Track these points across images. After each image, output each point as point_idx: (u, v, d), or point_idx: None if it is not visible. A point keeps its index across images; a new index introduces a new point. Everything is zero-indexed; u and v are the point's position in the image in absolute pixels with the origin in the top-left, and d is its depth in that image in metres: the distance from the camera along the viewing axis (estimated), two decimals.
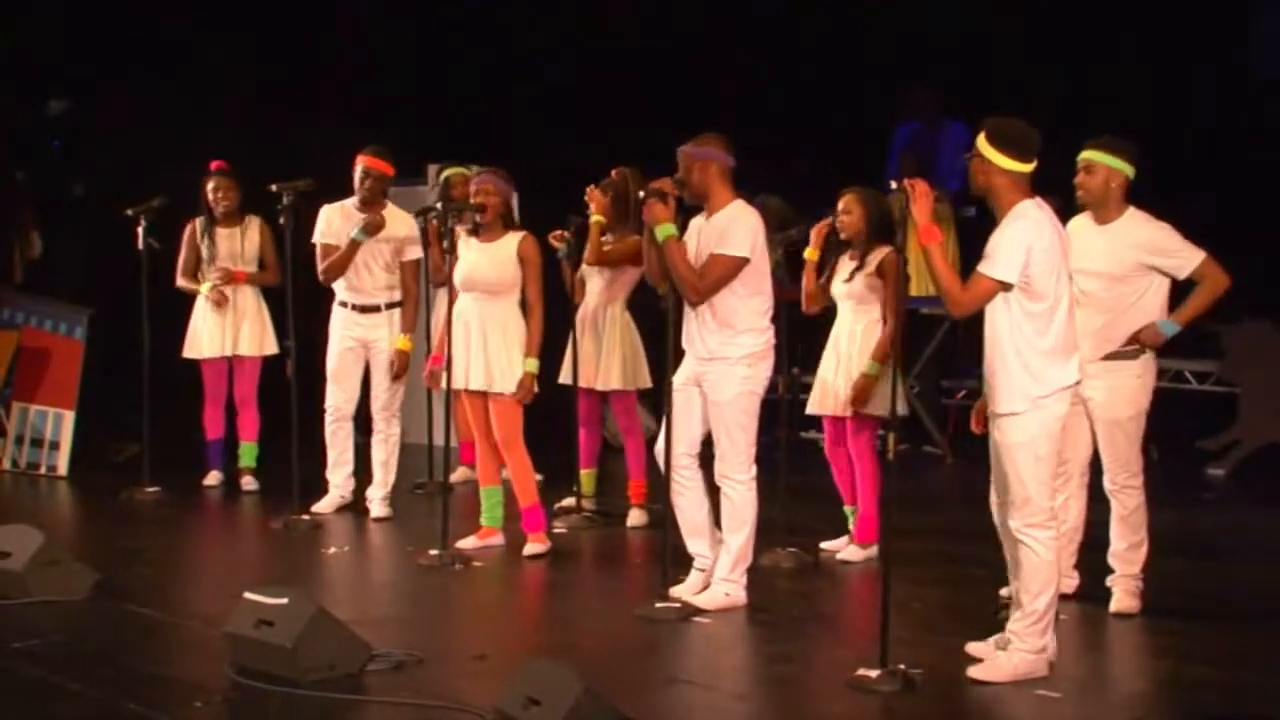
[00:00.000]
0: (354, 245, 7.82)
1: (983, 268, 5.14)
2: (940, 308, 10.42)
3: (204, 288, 8.70)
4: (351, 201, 7.97)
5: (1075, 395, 5.38)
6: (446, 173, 8.91)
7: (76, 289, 10.83)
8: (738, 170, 6.25)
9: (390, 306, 8.02)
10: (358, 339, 8.02)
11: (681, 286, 6.10)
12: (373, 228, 7.84)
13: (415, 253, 8.07)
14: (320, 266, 7.95)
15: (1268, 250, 10.54)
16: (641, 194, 6.12)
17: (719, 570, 6.26)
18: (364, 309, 7.99)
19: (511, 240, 7.17)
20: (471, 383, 7.13)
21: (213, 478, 8.95)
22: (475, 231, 7.22)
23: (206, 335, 8.77)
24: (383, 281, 8.00)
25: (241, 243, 8.76)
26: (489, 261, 7.15)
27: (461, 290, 7.14)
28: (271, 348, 8.83)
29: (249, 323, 8.77)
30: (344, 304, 8.02)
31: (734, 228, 6.10)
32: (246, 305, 8.77)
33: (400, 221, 8.01)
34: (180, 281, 8.81)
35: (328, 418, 8.09)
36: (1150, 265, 6.00)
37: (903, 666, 5.20)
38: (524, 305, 7.18)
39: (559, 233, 8.01)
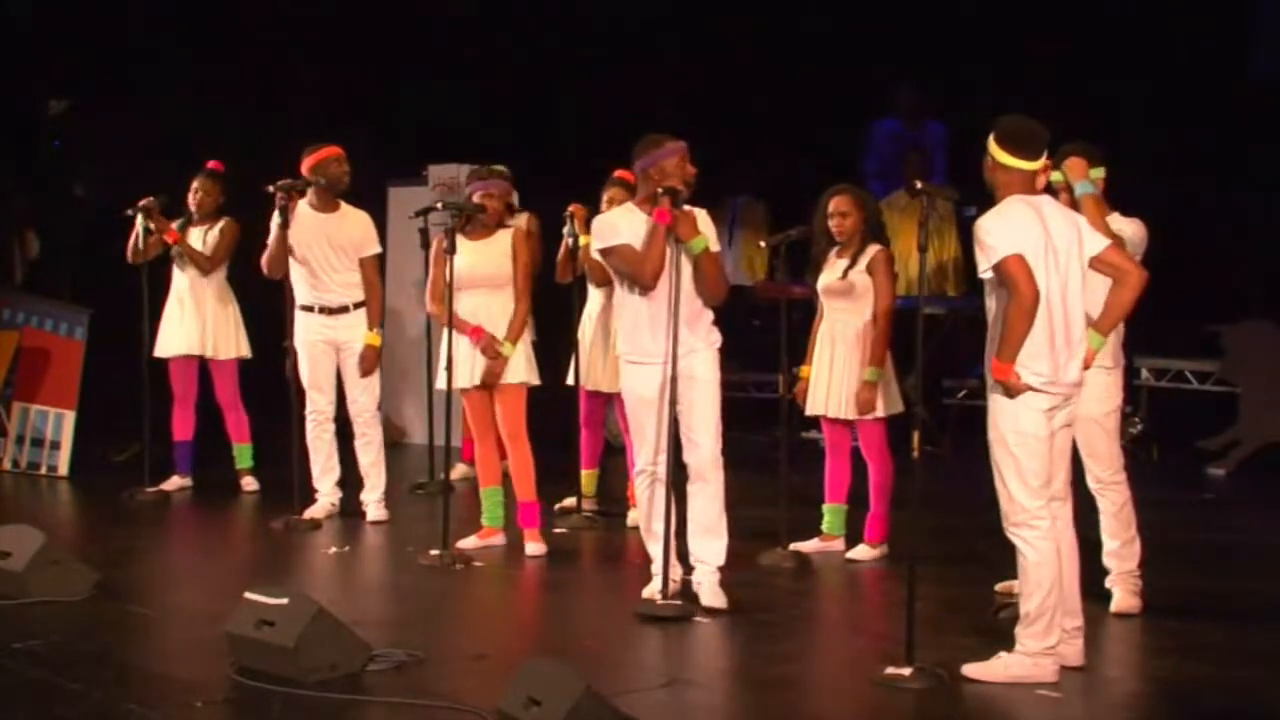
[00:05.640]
0: (282, 235, 7.77)
1: (990, 256, 5.09)
2: (940, 307, 10.47)
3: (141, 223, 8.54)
4: (304, 202, 7.92)
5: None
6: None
7: (76, 289, 10.84)
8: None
9: (358, 306, 8.01)
10: (328, 341, 7.99)
11: (715, 293, 6.19)
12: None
13: (372, 249, 8.06)
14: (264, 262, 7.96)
15: (1267, 250, 10.57)
16: (659, 191, 6.11)
17: (717, 559, 6.25)
18: (333, 310, 7.97)
19: (504, 236, 7.29)
20: (477, 378, 7.16)
21: (173, 483, 8.89)
22: (465, 230, 7.25)
23: (173, 334, 8.75)
24: (347, 281, 7.98)
25: (204, 239, 8.74)
26: (487, 258, 7.20)
27: (461, 288, 7.15)
28: (244, 350, 8.82)
29: (218, 324, 8.74)
30: (309, 308, 7.97)
31: (710, 227, 6.26)
32: (212, 305, 8.74)
33: (355, 220, 8.03)
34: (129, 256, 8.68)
35: (309, 423, 8.06)
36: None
37: (919, 666, 5.20)
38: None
39: (577, 208, 7.99)
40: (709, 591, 6.23)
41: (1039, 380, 5.13)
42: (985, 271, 5.16)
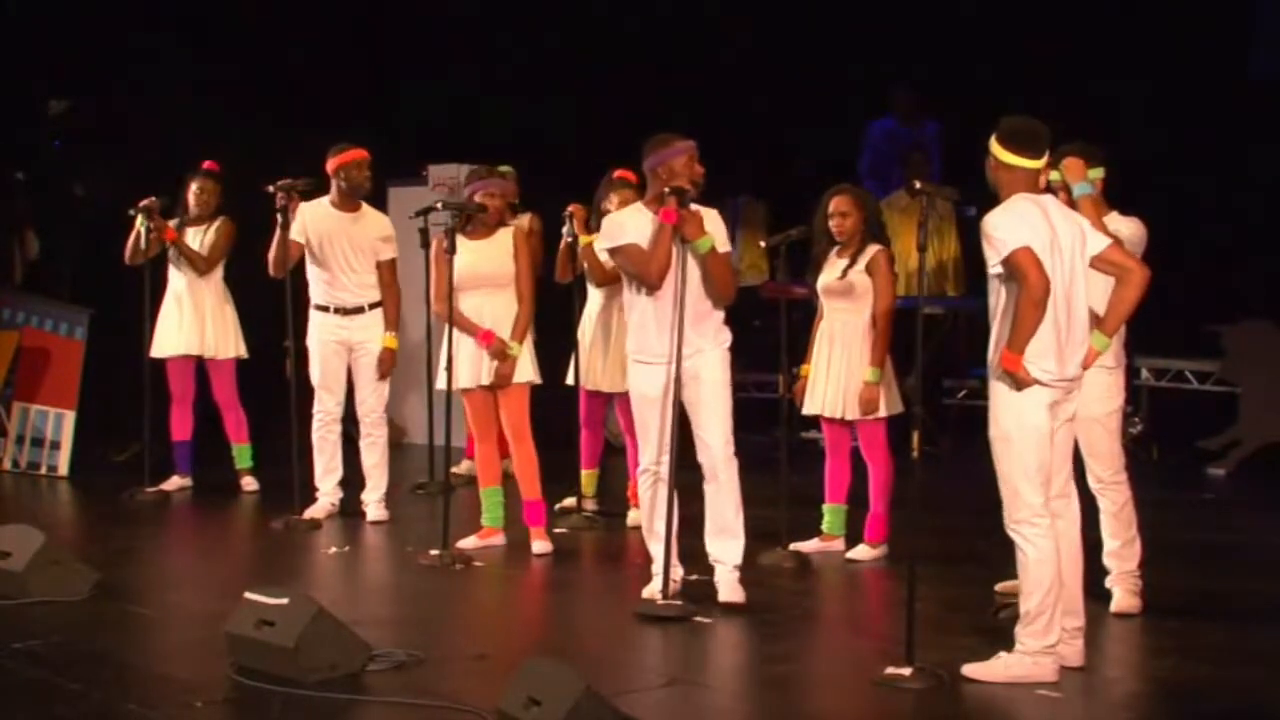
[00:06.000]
0: (283, 236, 7.74)
1: (1000, 250, 5.10)
2: (940, 307, 10.47)
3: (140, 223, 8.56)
4: (326, 199, 7.94)
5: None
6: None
7: (76, 289, 10.84)
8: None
9: (373, 307, 8.01)
10: (341, 341, 7.99)
11: (723, 293, 6.20)
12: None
13: (391, 252, 8.05)
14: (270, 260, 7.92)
15: (1267, 250, 10.57)
16: (666, 190, 6.10)
17: (734, 559, 6.25)
18: (348, 311, 7.97)
19: (505, 235, 7.29)
20: (484, 378, 7.17)
21: (173, 483, 8.89)
22: (466, 230, 7.25)
23: (171, 334, 8.74)
24: (363, 282, 7.98)
25: (201, 239, 8.75)
26: (487, 258, 7.21)
27: (463, 288, 7.14)
28: (240, 350, 8.81)
29: (216, 325, 8.74)
30: (324, 308, 7.98)
31: (720, 227, 6.26)
32: (209, 306, 8.73)
33: (375, 221, 8.04)
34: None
35: (316, 423, 8.06)
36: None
37: (919, 666, 5.20)
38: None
39: (576, 208, 7.98)
40: (727, 588, 6.26)
41: (1047, 378, 5.13)
42: (995, 266, 5.15)
